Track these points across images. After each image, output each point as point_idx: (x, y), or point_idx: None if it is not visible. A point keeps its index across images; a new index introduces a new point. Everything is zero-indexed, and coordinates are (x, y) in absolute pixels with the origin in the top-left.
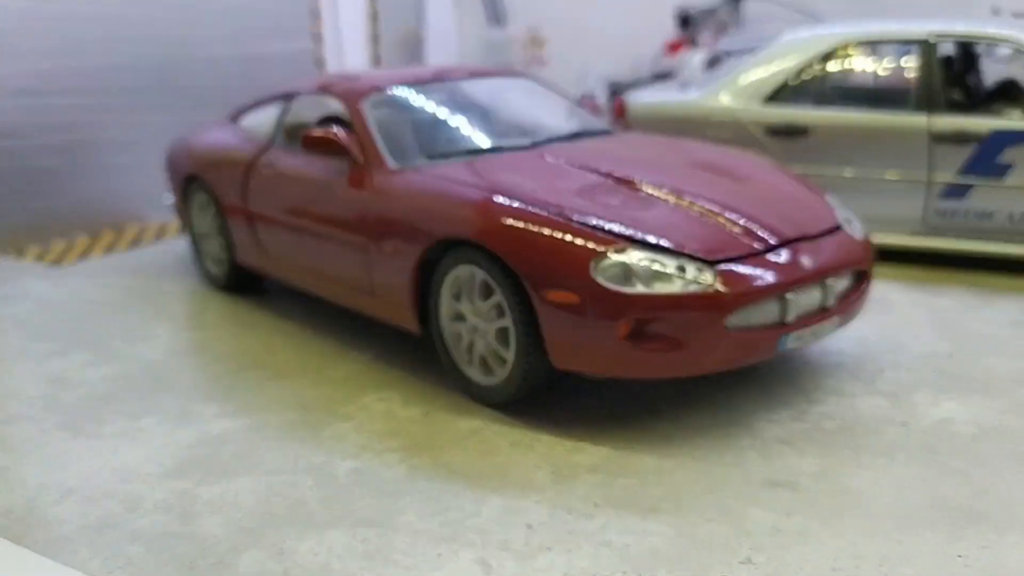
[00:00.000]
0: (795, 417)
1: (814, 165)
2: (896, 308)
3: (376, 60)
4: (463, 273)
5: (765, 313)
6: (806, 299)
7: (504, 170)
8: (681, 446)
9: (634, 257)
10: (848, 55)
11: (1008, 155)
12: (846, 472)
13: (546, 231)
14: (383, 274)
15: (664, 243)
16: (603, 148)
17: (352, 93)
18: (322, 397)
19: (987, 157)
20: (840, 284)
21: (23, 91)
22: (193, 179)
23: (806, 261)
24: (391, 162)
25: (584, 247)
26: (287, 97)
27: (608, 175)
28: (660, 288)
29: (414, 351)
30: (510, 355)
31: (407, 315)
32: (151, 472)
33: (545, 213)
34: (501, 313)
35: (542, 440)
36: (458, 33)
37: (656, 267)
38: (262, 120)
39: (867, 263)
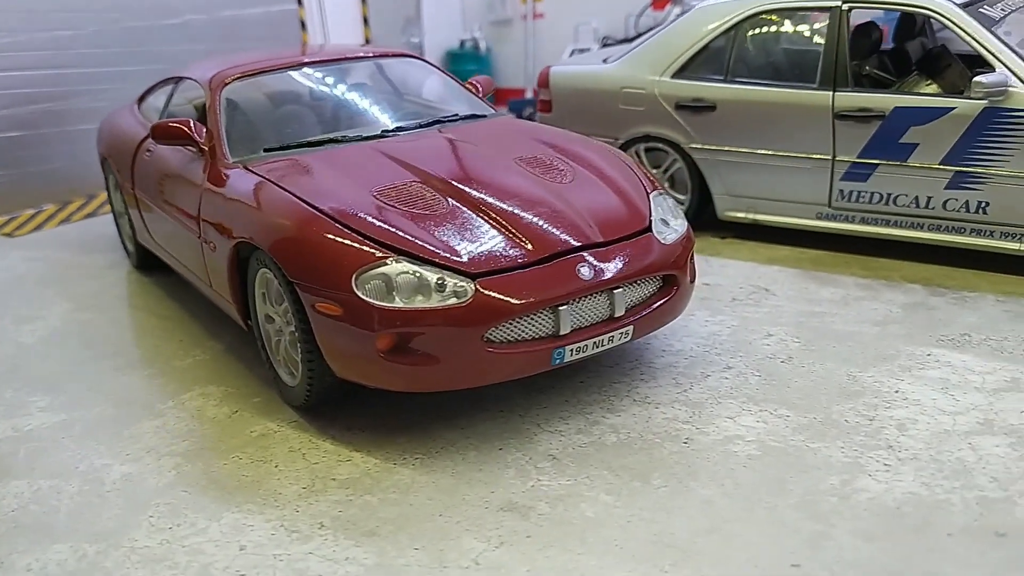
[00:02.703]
0: (582, 429)
1: (722, 142)
2: (770, 301)
3: (364, 18)
4: (266, 275)
5: (535, 326)
6: (587, 310)
7: (319, 169)
8: (448, 460)
9: (396, 270)
10: (758, 26)
11: (912, 134)
12: (590, 497)
13: (318, 239)
14: (213, 268)
15: (428, 256)
16: (440, 142)
17: (210, 80)
18: (151, 390)
19: (889, 136)
20: (635, 292)
21: None
22: (104, 159)
23: (585, 271)
24: (228, 156)
25: (349, 258)
26: (177, 81)
27: (422, 174)
28: (418, 302)
29: None
30: (299, 361)
31: (233, 310)
32: None
33: (324, 219)
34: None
35: (320, 449)
36: None
37: (417, 280)
38: (155, 104)
39: (677, 267)
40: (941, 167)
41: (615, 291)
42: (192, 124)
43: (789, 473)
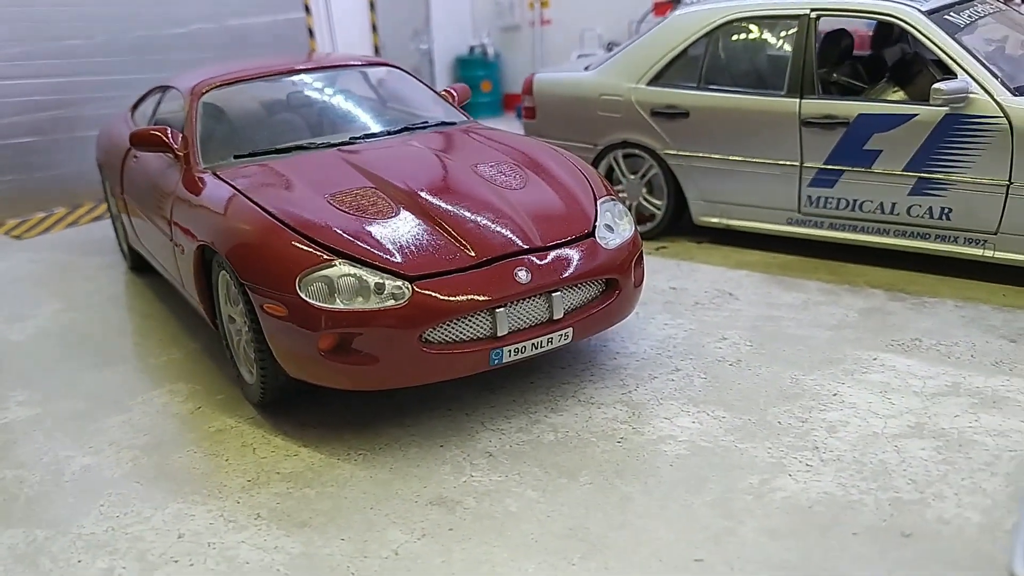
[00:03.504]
0: (523, 427)
1: (696, 148)
2: (732, 306)
3: (373, 26)
4: (226, 278)
5: (472, 328)
6: (525, 312)
7: (281, 175)
8: (389, 456)
9: (338, 272)
10: (730, 34)
11: (876, 141)
12: (516, 492)
13: (266, 243)
14: (184, 271)
15: (370, 259)
16: (403, 149)
17: (189, 88)
18: (123, 387)
19: (854, 143)
20: (576, 295)
21: None
22: (100, 166)
23: (523, 274)
24: (200, 162)
25: (294, 261)
26: (164, 90)
27: (378, 180)
28: (358, 304)
29: None
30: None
31: (202, 311)
32: None
33: (274, 224)
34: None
35: (271, 444)
36: None
37: (357, 283)
38: (145, 112)
39: (619, 272)
40: (904, 173)
41: (553, 294)
42: (169, 132)
43: (712, 472)
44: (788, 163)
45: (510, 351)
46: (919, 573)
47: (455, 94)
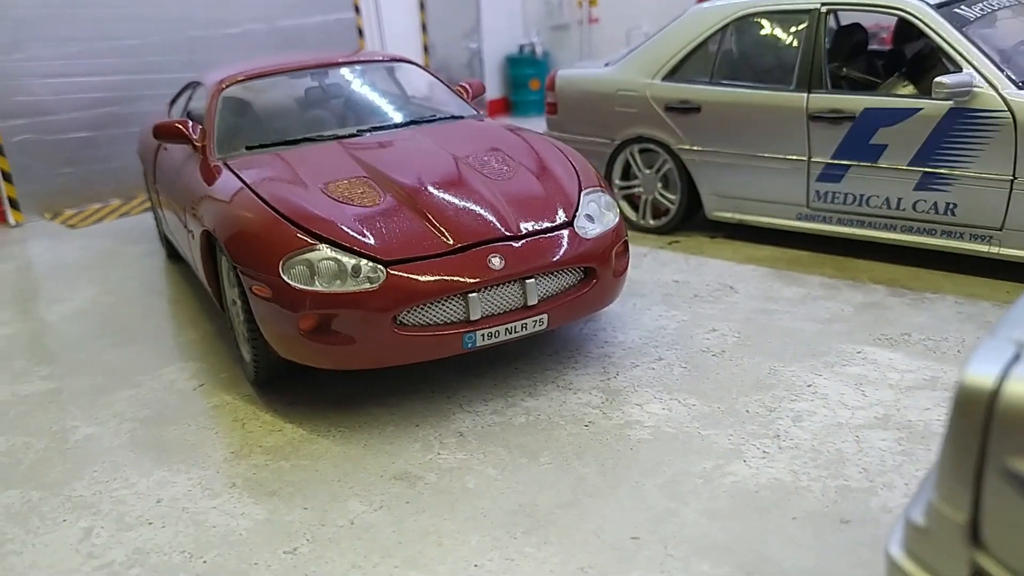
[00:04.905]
0: (498, 410)
1: (708, 143)
2: (730, 299)
3: (422, 25)
4: (226, 261)
5: (447, 312)
6: (499, 298)
7: (284, 164)
8: (365, 433)
9: (319, 256)
10: (743, 29)
11: (881, 135)
12: (477, 471)
13: (255, 227)
14: (196, 255)
15: (349, 243)
16: (404, 142)
17: (212, 82)
18: (137, 364)
19: (860, 137)
20: (552, 283)
21: (51, 73)
22: (141, 158)
23: (496, 261)
24: (215, 152)
25: (278, 245)
26: (195, 85)
27: (372, 170)
28: (336, 286)
29: None
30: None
31: (211, 293)
32: None
33: (264, 209)
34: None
35: (259, 420)
36: None
37: (336, 266)
38: (179, 106)
39: (598, 261)
40: (909, 168)
41: (527, 281)
42: (189, 124)
43: (669, 456)
44: (797, 158)
45: (483, 335)
46: (847, 559)
47: (470, 89)
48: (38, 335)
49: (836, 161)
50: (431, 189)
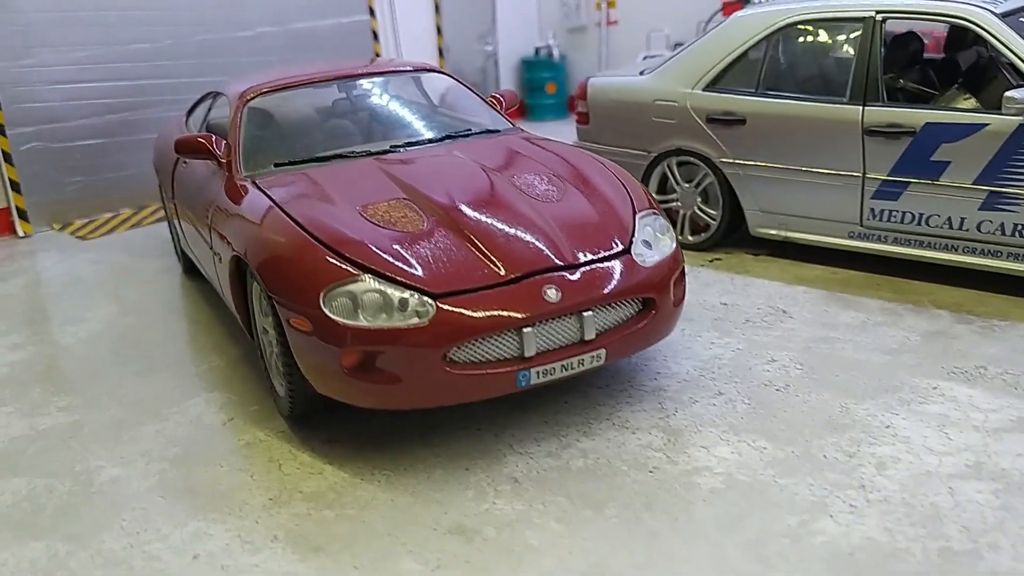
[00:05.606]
0: (552, 452)
1: (753, 157)
2: (784, 324)
3: (438, 28)
4: (258, 288)
5: (499, 348)
6: (555, 332)
7: (317, 185)
8: (412, 478)
9: (363, 288)
10: (790, 38)
11: (944, 151)
12: (539, 524)
13: (292, 255)
14: (222, 279)
15: (395, 274)
16: (441, 159)
17: (235, 95)
18: (161, 394)
19: (920, 153)
20: (609, 315)
21: (61, 79)
22: (157, 170)
23: (552, 293)
24: (241, 170)
25: (319, 275)
26: (215, 96)
27: (412, 191)
28: (382, 321)
29: None
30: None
31: (239, 319)
32: None
33: (302, 236)
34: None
35: (297, 460)
36: None
37: (382, 299)
38: (198, 117)
39: (656, 291)
40: (974, 187)
41: (584, 314)
42: (213, 139)
43: (748, 510)
44: (850, 174)
45: (538, 373)
46: None
47: (503, 100)
48: (54, 360)
49: (894, 178)
50: (477, 213)
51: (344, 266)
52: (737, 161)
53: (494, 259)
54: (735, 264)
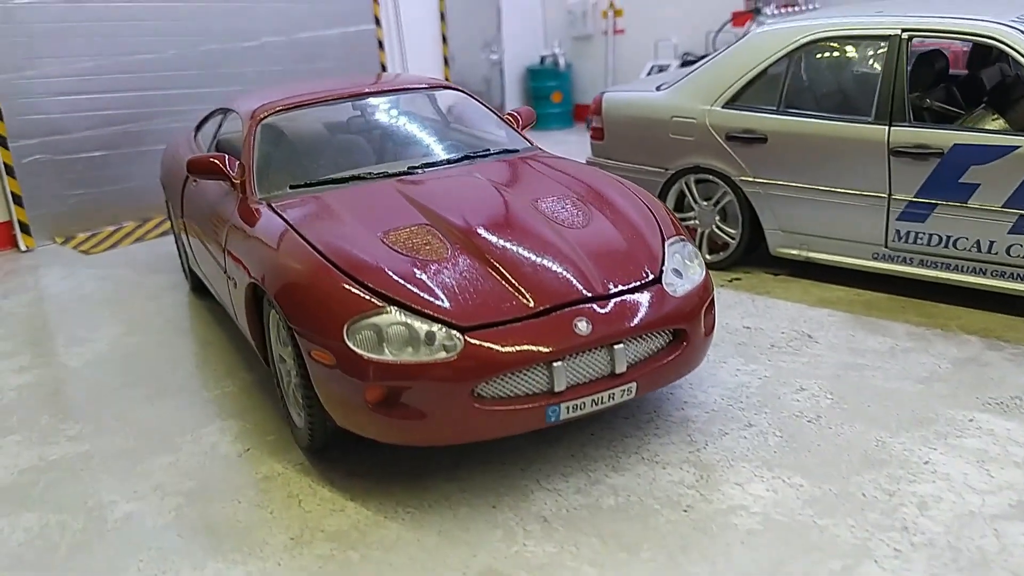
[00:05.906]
0: (581, 488)
1: (774, 176)
2: (811, 350)
3: (443, 36)
4: (276, 317)
5: (529, 383)
6: (585, 366)
7: (335, 209)
8: (438, 516)
9: (388, 320)
10: (813, 54)
11: (973, 174)
12: (572, 568)
13: (314, 285)
14: (236, 304)
15: (421, 306)
16: (461, 181)
17: (248, 113)
18: (173, 422)
19: (948, 175)
20: (640, 347)
21: (64, 91)
22: (164, 186)
23: (582, 325)
24: (256, 192)
25: (342, 307)
26: (225, 112)
27: (434, 216)
28: (408, 355)
29: None
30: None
31: (254, 346)
32: None
33: (323, 265)
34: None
35: (317, 496)
36: (541, 2)
37: (407, 332)
38: (208, 133)
39: (687, 321)
40: (1004, 210)
41: (615, 346)
42: (226, 159)
43: (789, 553)
44: (875, 194)
45: (568, 408)
46: None
47: (520, 118)
48: (61, 384)
49: (921, 199)
50: (502, 240)
51: (368, 297)
52: (758, 180)
53: (522, 290)
54: (755, 284)
